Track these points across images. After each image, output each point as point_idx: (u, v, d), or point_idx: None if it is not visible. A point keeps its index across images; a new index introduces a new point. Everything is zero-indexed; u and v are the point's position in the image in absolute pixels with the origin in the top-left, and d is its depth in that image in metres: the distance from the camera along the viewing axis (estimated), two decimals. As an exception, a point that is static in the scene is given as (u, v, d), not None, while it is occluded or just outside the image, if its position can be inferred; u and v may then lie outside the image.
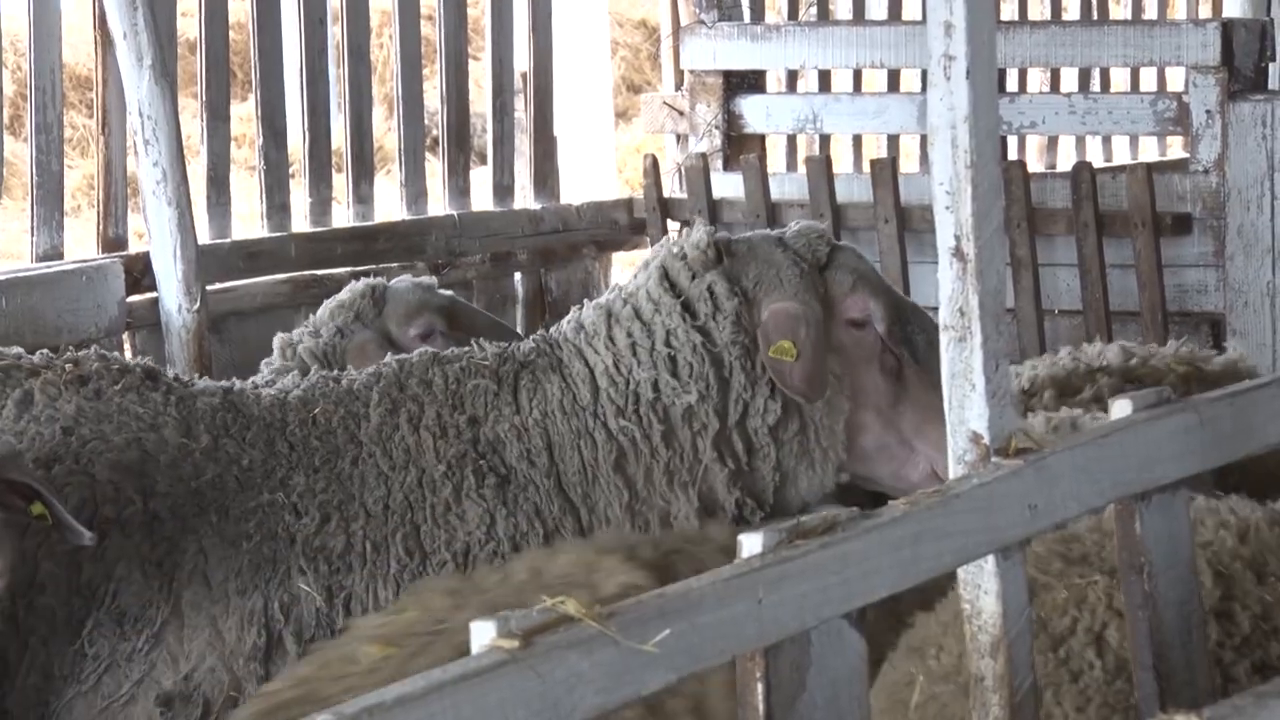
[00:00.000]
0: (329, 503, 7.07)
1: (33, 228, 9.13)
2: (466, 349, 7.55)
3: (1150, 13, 14.21)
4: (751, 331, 7.38)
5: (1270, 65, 10.87)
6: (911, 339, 7.43)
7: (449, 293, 8.45)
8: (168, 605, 6.74)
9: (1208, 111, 10.32)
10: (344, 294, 8.24)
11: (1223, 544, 5.81)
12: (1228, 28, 10.49)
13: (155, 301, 9.09)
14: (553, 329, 7.65)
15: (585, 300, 7.84)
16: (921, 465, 7.23)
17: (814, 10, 12.06)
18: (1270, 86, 10.73)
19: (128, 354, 8.80)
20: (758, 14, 11.98)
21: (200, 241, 9.18)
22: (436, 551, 7.11)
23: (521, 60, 11.08)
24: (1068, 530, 5.95)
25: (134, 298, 9.12)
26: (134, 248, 9.28)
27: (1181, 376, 8.46)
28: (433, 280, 8.42)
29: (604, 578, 6.07)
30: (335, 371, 7.62)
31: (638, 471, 7.41)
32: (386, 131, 10.92)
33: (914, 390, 7.29)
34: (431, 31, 10.69)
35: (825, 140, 11.86)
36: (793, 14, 11.96)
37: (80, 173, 10.55)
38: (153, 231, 9.08)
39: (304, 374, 7.97)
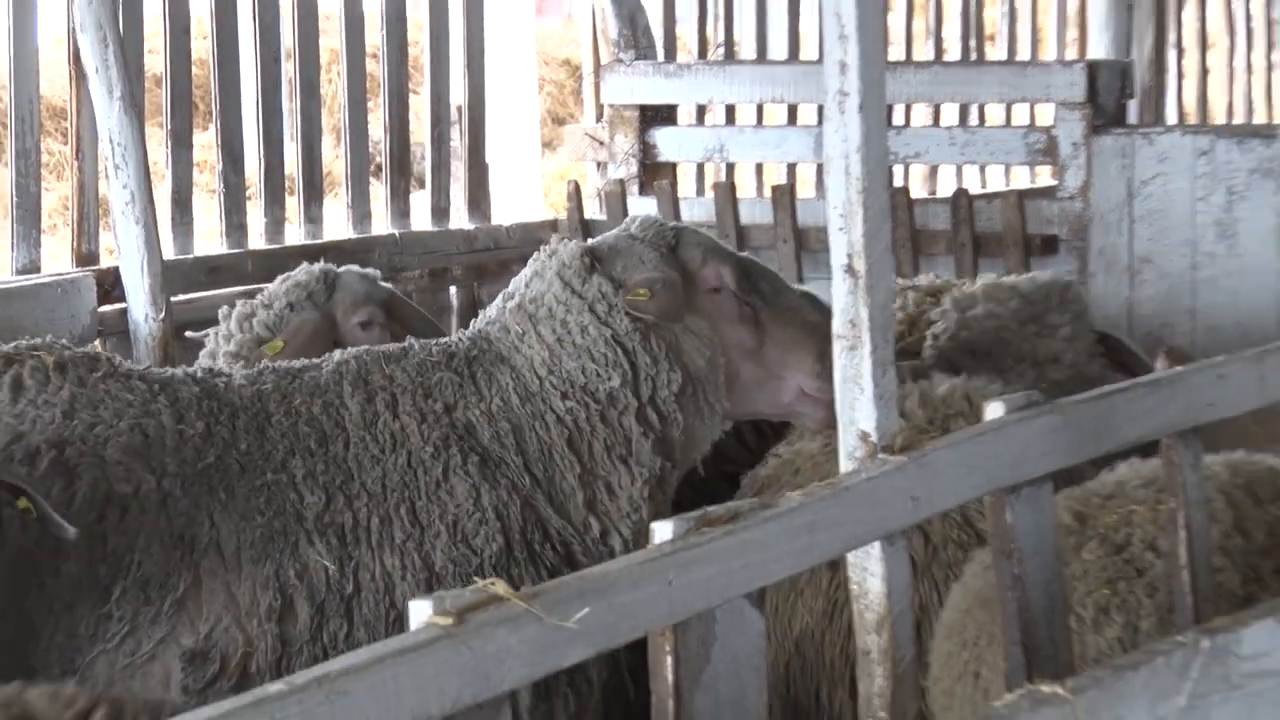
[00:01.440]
0: (331, 483, 7.17)
1: (12, 244, 9.16)
2: (406, 345, 7.63)
3: (1023, 54, 14.26)
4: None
5: (1129, 102, 11.00)
6: (758, 288, 7.65)
7: (389, 286, 8.50)
8: (189, 574, 6.81)
9: (1074, 144, 10.45)
10: (300, 274, 8.22)
11: (1219, 477, 5.96)
12: (1092, 68, 10.64)
13: (124, 311, 9.08)
14: (476, 330, 7.75)
15: (480, 310, 7.99)
16: (790, 387, 7.50)
17: (721, 50, 12.09)
18: (1129, 121, 10.86)
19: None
20: (670, 54, 12.02)
21: (165, 257, 9.20)
22: (431, 524, 7.23)
23: (457, 94, 11.14)
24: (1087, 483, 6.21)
25: (105, 308, 9.11)
26: (105, 262, 9.20)
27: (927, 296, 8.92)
28: (376, 273, 8.43)
29: None
30: (280, 364, 7.59)
31: (584, 448, 7.57)
32: (335, 159, 10.89)
33: (770, 329, 7.54)
34: (376, 68, 10.72)
35: (731, 168, 11.87)
36: (702, 54, 12.01)
37: (56, 194, 10.53)
38: (122, 248, 9.09)
39: (257, 343, 8.11)
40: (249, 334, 8.28)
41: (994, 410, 5.25)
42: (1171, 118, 14.30)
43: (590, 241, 7.98)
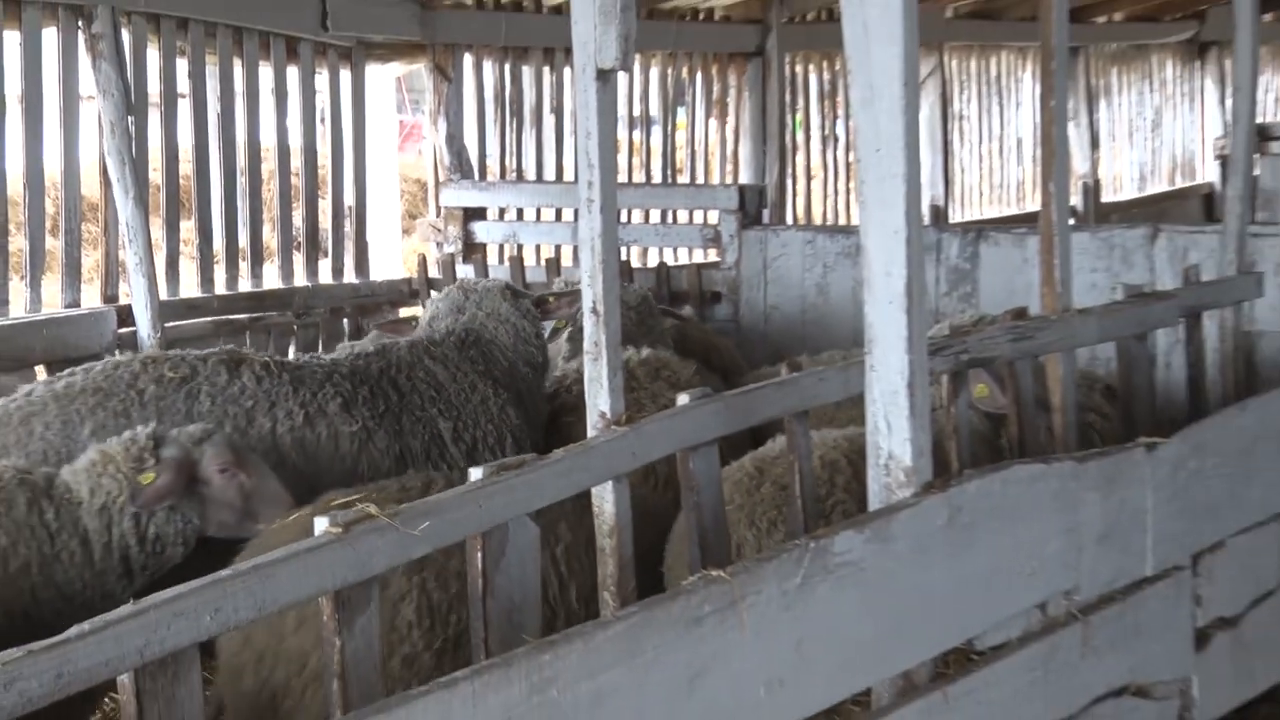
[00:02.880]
0: (457, 415, 7.28)
1: (62, 289, 8.93)
2: (436, 337, 7.61)
3: (700, 180, 14.18)
4: None
5: (764, 210, 10.99)
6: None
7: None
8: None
9: (730, 235, 10.40)
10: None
11: (841, 445, 5.99)
12: (742, 189, 10.62)
13: (134, 333, 8.82)
14: (441, 334, 7.66)
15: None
16: None
17: (514, 174, 12.05)
18: (764, 222, 10.71)
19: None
20: (482, 175, 11.86)
21: (161, 298, 9.00)
22: (496, 432, 7.35)
23: (349, 198, 10.99)
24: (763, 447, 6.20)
25: (122, 330, 8.81)
26: (123, 301, 9.00)
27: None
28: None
29: None
30: (373, 349, 7.39)
31: (530, 400, 7.77)
32: (271, 237, 10.64)
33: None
34: (298, 181, 10.68)
35: (520, 247, 11.65)
36: (502, 176, 12.03)
37: (91, 259, 10.43)
38: (133, 292, 8.88)
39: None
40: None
41: (682, 399, 5.13)
42: (790, 220, 14.35)
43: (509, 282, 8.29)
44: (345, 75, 10.99)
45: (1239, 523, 4.95)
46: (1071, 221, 6.75)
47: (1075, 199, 16.42)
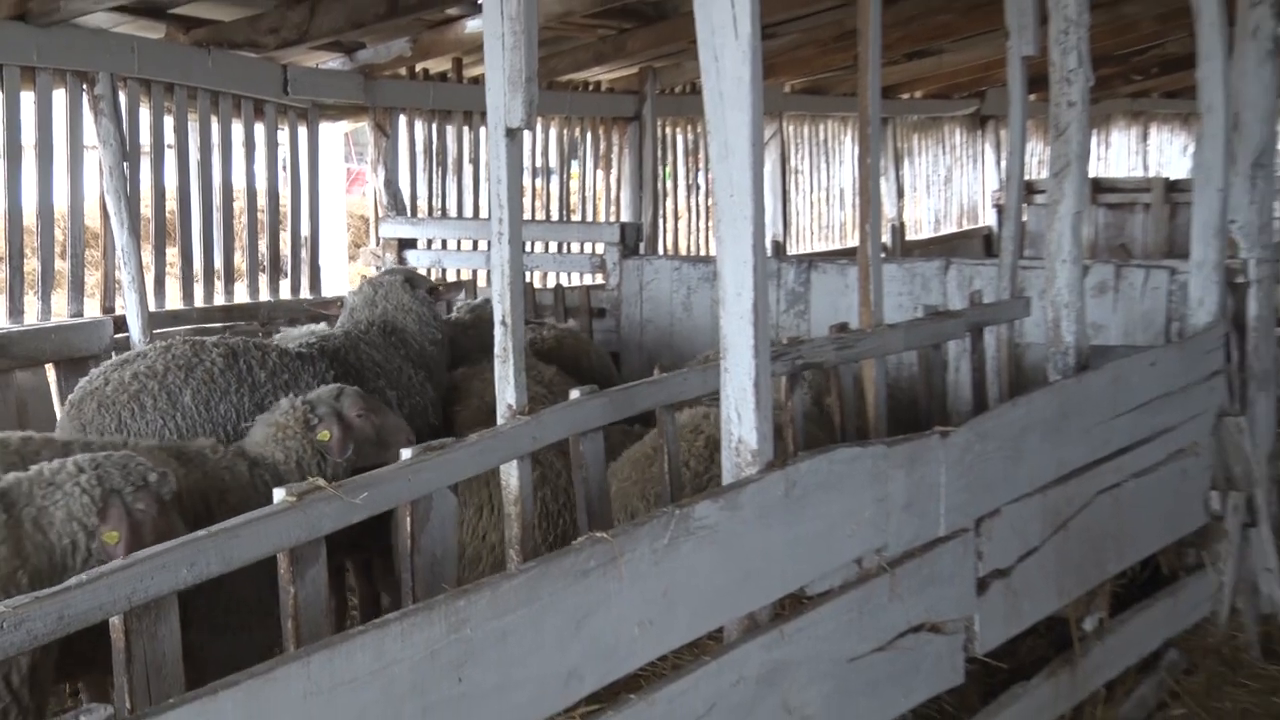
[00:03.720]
0: (396, 390, 7.11)
1: (69, 302, 8.81)
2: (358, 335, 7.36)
3: (590, 218, 14.14)
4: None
5: (641, 242, 10.99)
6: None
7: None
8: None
9: (614, 263, 10.35)
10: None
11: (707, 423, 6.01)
12: (624, 226, 10.54)
13: (128, 338, 8.66)
14: (365, 325, 7.45)
15: (350, 314, 7.63)
16: None
17: (439, 212, 11.97)
18: (641, 253, 10.75)
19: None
20: (414, 212, 11.75)
21: (150, 310, 8.87)
22: (421, 403, 7.24)
23: (305, 229, 10.84)
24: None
25: (118, 335, 8.65)
26: (118, 312, 8.79)
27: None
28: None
29: None
30: (318, 340, 7.17)
31: (437, 372, 7.54)
32: (240, 261, 10.48)
33: None
34: (264, 216, 10.53)
35: (445, 271, 11.57)
36: (430, 213, 11.90)
37: (93, 277, 10.25)
38: (127, 304, 8.71)
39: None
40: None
41: (574, 394, 5.13)
42: (661, 251, 14.38)
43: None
44: (303, 131, 10.90)
45: (1011, 494, 5.01)
46: (883, 255, 6.79)
47: (885, 238, 16.61)
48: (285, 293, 10.79)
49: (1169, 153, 24.76)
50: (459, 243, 11.83)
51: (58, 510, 4.40)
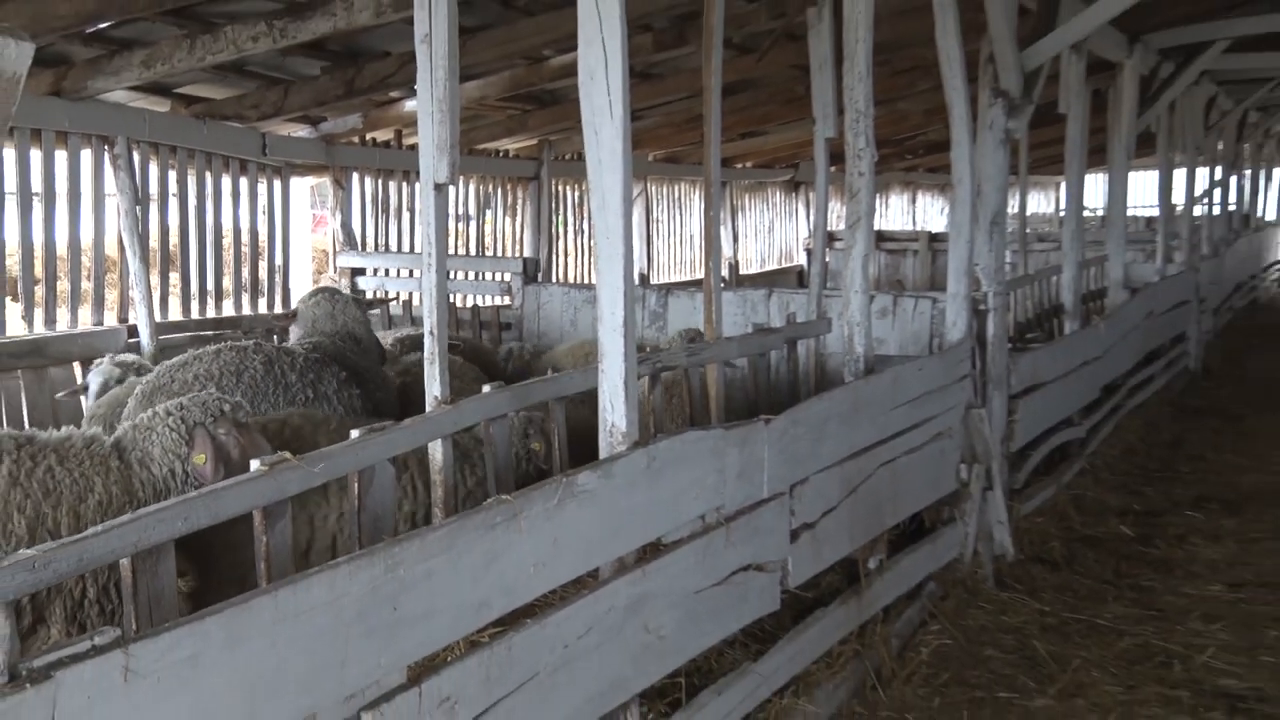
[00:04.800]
0: (374, 382, 6.77)
1: (92, 313, 8.66)
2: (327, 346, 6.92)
3: (499, 253, 13.94)
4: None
5: (539, 273, 10.96)
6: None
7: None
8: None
9: (518, 289, 10.40)
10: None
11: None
12: (525, 260, 10.61)
13: (138, 343, 8.48)
14: (331, 334, 7.21)
15: (314, 324, 7.35)
16: None
17: (384, 248, 11.79)
18: (539, 280, 10.78)
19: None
20: (363, 247, 11.52)
21: (156, 321, 8.68)
22: (384, 396, 6.78)
23: (279, 260, 10.59)
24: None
25: (130, 340, 8.47)
26: (131, 322, 8.58)
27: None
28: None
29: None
30: (301, 350, 6.68)
31: (379, 369, 7.19)
32: (229, 282, 10.50)
33: None
34: (248, 250, 10.28)
35: (387, 293, 11.07)
36: (376, 248, 11.68)
37: (112, 295, 10.01)
38: (138, 316, 8.53)
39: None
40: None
41: (486, 389, 5.08)
42: (554, 279, 14.37)
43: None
44: (277, 184, 10.73)
45: (816, 467, 5.04)
46: (722, 285, 6.82)
47: (725, 272, 16.64)
48: (262, 308, 10.62)
49: (931, 212, 25.28)
50: (398, 271, 11.71)
51: (154, 448, 4.39)
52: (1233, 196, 19.16)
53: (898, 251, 18.74)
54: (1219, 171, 17.01)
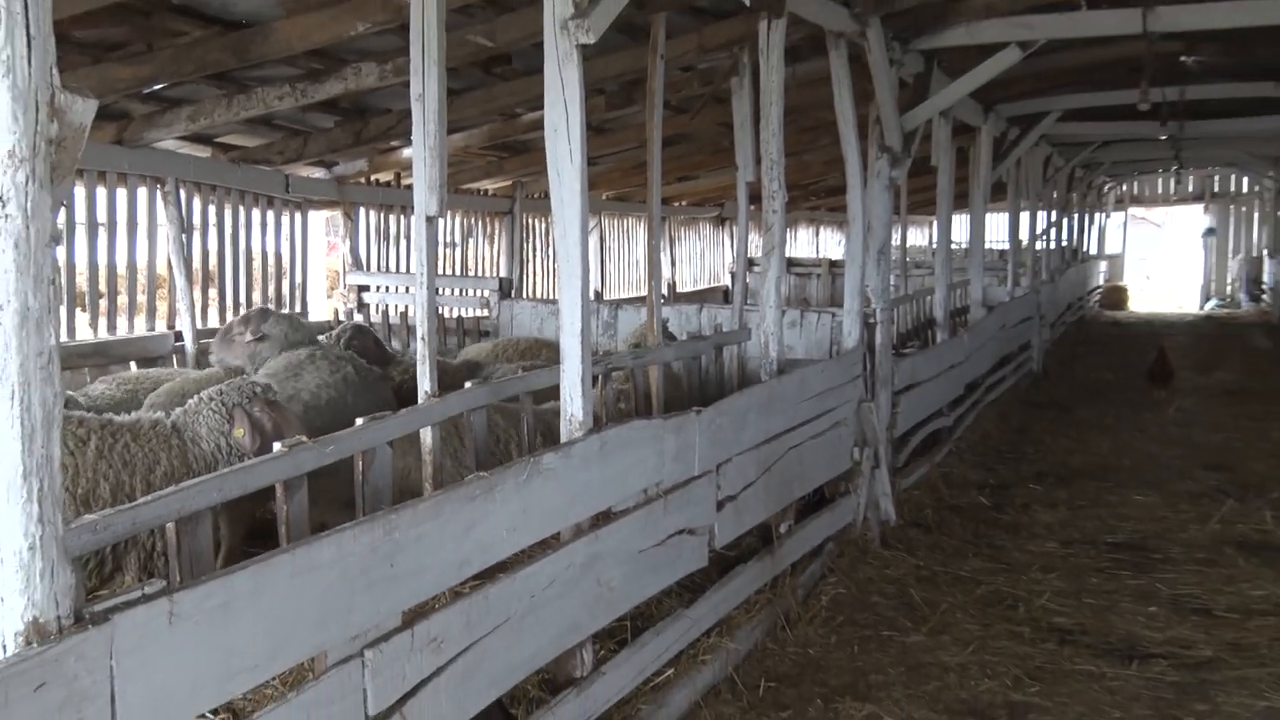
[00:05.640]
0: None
1: (146, 321, 8.51)
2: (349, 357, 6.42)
3: (477, 273, 13.46)
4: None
5: (512, 290, 10.84)
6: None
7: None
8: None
9: (495, 303, 10.10)
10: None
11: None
12: (501, 279, 10.37)
13: (183, 346, 8.25)
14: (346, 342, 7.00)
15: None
16: None
17: (384, 269, 11.57)
18: (513, 296, 10.58)
19: (174, 364, 7.90)
20: (369, 268, 11.25)
21: (198, 328, 8.43)
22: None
23: (299, 278, 10.36)
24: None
25: (176, 344, 8.25)
26: (178, 328, 8.34)
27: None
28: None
29: None
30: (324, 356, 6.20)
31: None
32: (258, 296, 10.30)
33: None
34: (273, 269, 10.14)
35: (388, 306, 10.82)
36: (379, 269, 11.37)
37: (162, 307, 9.73)
38: (184, 324, 8.32)
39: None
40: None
41: (468, 385, 4.93)
42: (525, 295, 14.19)
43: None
44: (298, 217, 10.49)
45: (738, 450, 5.04)
46: (662, 301, 6.79)
47: (665, 290, 16.53)
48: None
49: (831, 243, 25.46)
50: (397, 288, 11.48)
51: (201, 427, 4.39)
52: (1065, 235, 19.74)
53: (804, 275, 18.91)
54: (1054, 214, 17.48)
